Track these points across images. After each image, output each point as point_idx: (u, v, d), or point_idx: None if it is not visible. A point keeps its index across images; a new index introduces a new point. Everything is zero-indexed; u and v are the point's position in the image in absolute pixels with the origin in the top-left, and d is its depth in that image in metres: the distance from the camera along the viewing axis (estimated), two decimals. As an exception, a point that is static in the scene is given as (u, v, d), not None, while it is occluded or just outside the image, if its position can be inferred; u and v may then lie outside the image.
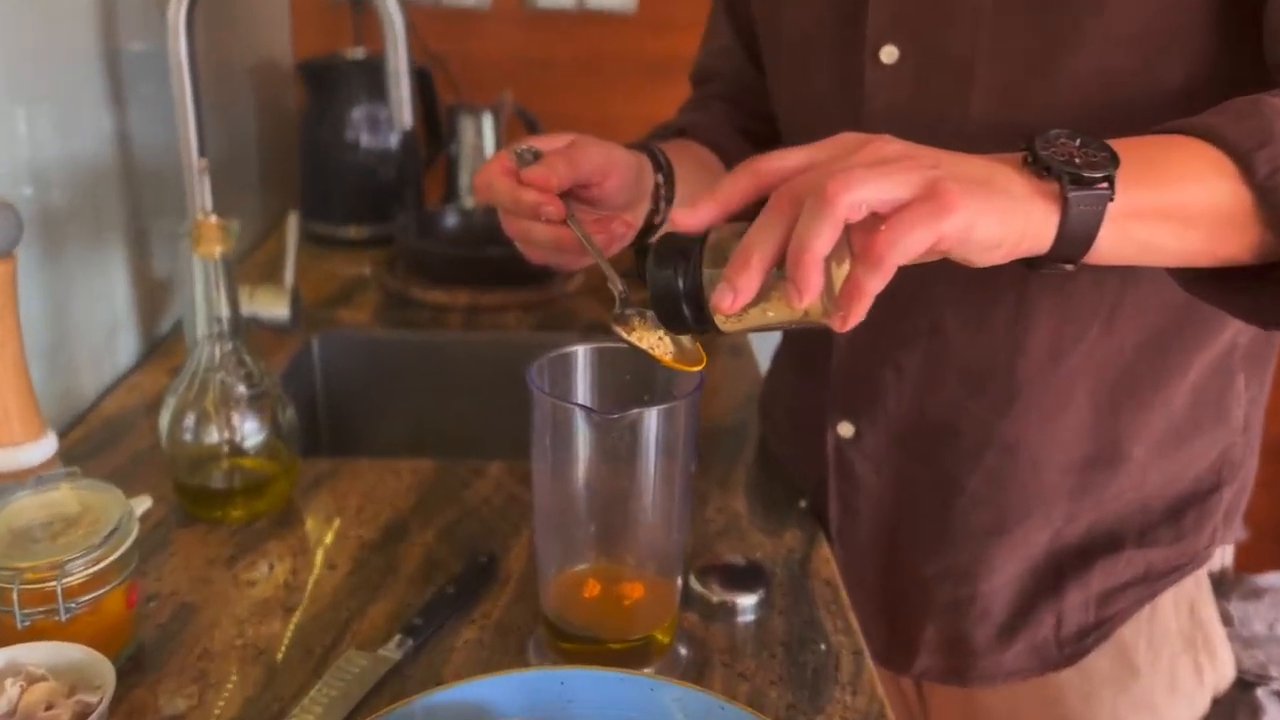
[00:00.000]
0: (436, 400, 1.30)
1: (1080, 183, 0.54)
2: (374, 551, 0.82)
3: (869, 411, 0.81)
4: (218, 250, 0.81)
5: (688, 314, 0.57)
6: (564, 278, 1.39)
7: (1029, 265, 0.58)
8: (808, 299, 0.51)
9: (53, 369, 0.99)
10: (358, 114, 1.55)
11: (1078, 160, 0.54)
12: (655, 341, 0.62)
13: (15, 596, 0.62)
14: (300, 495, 0.90)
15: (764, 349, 1.19)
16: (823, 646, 0.73)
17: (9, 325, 0.75)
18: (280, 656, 0.70)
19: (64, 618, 0.63)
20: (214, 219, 0.81)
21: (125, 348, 1.12)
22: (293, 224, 1.10)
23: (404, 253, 1.43)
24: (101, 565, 0.66)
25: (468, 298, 1.34)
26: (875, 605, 0.86)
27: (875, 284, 0.51)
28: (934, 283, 0.74)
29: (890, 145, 0.54)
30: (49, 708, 0.58)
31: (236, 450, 0.84)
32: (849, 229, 0.51)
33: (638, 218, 0.75)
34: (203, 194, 0.80)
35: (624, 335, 0.62)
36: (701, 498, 0.90)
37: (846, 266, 0.53)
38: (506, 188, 0.66)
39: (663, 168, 0.77)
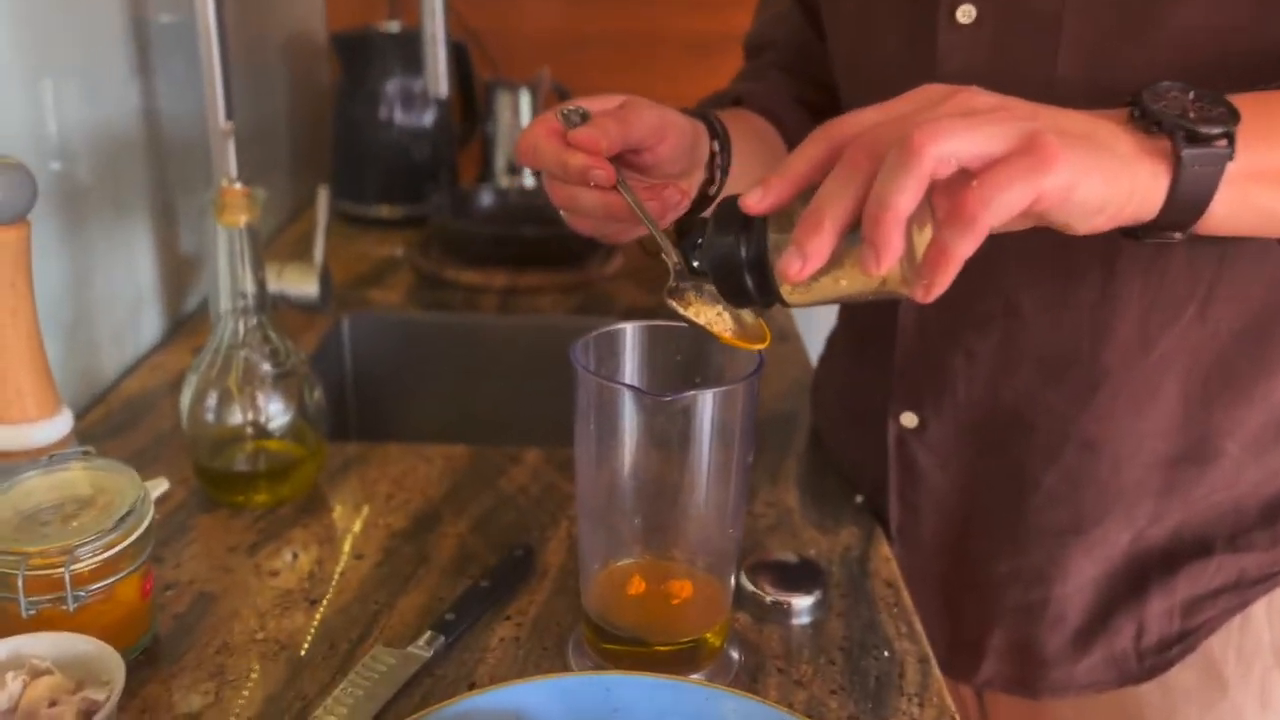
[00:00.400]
0: (469, 385, 1.26)
1: (1195, 140, 0.48)
2: (404, 541, 0.77)
3: (935, 401, 0.75)
4: (243, 219, 0.76)
5: (750, 285, 0.52)
6: (603, 259, 1.34)
7: (1129, 235, 0.53)
8: (886, 264, 0.46)
9: (73, 346, 0.95)
10: (392, 89, 1.50)
11: (1192, 115, 0.49)
12: (714, 317, 0.57)
13: (20, 583, 0.58)
14: (327, 481, 0.85)
15: (814, 333, 1.13)
16: (885, 653, 0.67)
17: (22, 294, 0.70)
18: (303, 652, 0.66)
19: (72, 607, 0.59)
20: (239, 186, 0.76)
21: (149, 325, 1.08)
22: (323, 199, 1.05)
23: (438, 232, 1.38)
24: (114, 551, 0.61)
25: (503, 279, 1.29)
26: (937, 607, 0.80)
27: (964, 247, 0.45)
28: (1010, 259, 0.68)
29: (980, 96, 0.48)
30: (52, 704, 0.54)
31: (261, 432, 0.80)
32: (931, 190, 0.46)
33: (691, 188, 0.69)
34: (228, 159, 0.75)
35: (680, 310, 0.57)
36: (751, 490, 0.85)
37: (928, 232, 0.47)
38: (552, 150, 0.60)
39: (719, 135, 0.72)
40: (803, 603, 0.70)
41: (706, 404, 0.57)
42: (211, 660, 0.65)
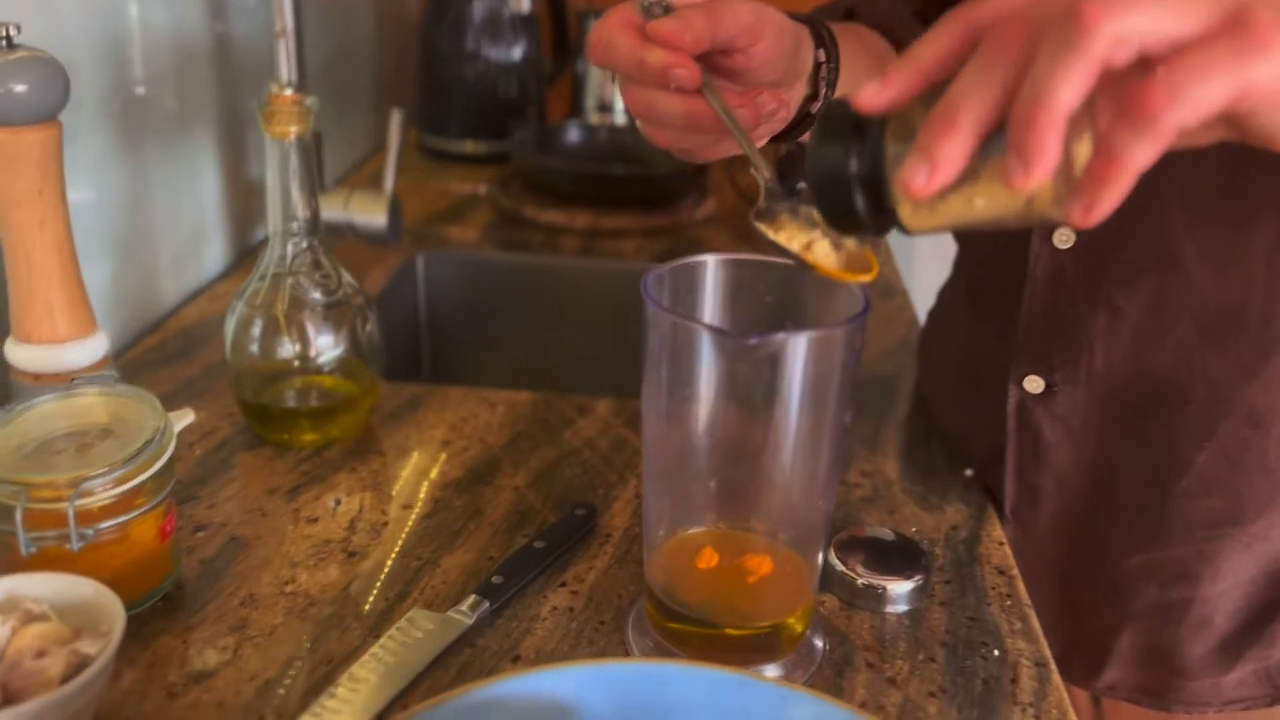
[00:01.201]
0: (545, 330, 1.18)
1: None
2: (456, 493, 0.70)
3: (1069, 364, 0.64)
4: (293, 130, 0.69)
5: (860, 205, 0.42)
6: (694, 202, 1.25)
7: None
8: (1038, 176, 0.36)
9: (128, 267, 0.89)
10: (480, 20, 1.42)
11: None
12: (809, 242, 0.47)
13: (19, 516, 0.52)
14: (381, 422, 0.78)
15: (922, 291, 1.03)
16: (995, 652, 0.58)
17: (52, 203, 0.65)
18: (333, 610, 0.59)
19: (77, 546, 0.53)
20: (290, 92, 0.69)
21: (213, 253, 1.03)
22: (396, 123, 0.98)
23: (520, 168, 1.30)
24: (128, 486, 0.55)
25: (586, 220, 1.21)
26: (1055, 601, 0.70)
27: (1141, 155, 0.35)
28: (1171, 194, 0.57)
29: None
30: (40, 654, 0.48)
31: (309, 366, 0.73)
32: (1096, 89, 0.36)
33: (792, 101, 0.60)
34: (282, 64, 0.68)
35: (768, 234, 0.48)
36: (844, 458, 0.75)
37: (1088, 142, 0.37)
38: (628, 46, 0.51)
39: (826, 44, 0.62)
40: (900, 588, 0.61)
41: (799, 350, 0.48)
42: (235, 613, 0.59)
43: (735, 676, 0.43)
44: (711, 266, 0.53)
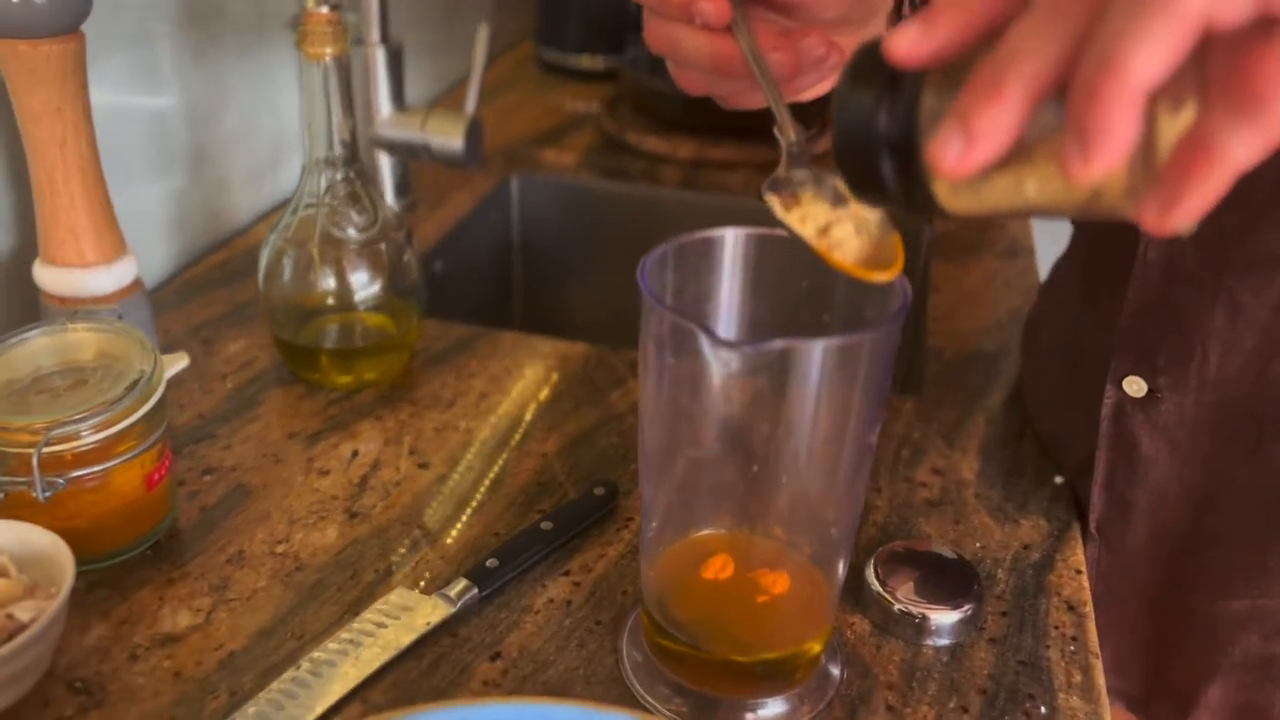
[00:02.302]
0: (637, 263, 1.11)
1: None
2: (478, 455, 0.65)
3: (1175, 366, 0.54)
4: (328, 51, 0.64)
5: (888, 173, 0.34)
6: (813, 134, 1.14)
7: None
8: (1100, 163, 0.27)
9: (197, 181, 0.87)
10: (606, -77, 1.34)
11: None
12: (825, 226, 0.39)
13: (-15, 461, 0.50)
14: (424, 365, 0.74)
15: (1049, 248, 0.91)
16: (1043, 709, 0.50)
17: (74, 122, 0.61)
18: (319, 578, 0.55)
19: (43, 495, 0.50)
20: (325, 9, 0.63)
21: (290, 171, 0.99)
22: (481, 39, 0.91)
23: (628, 90, 1.23)
24: (107, 433, 0.52)
25: (691, 150, 1.12)
26: (1140, 633, 0.61)
27: (1240, 149, 0.26)
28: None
29: None
30: (-22, 615, 0.45)
31: (345, 304, 0.69)
32: (1199, 56, 0.27)
33: (854, 43, 0.50)
34: (320, -24, 0.63)
35: (777, 211, 0.40)
36: (915, 450, 0.67)
37: (1185, 116, 0.28)
38: None
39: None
40: (944, 618, 0.53)
41: (813, 360, 0.40)
42: (219, 570, 0.56)
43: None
44: (731, 242, 0.46)
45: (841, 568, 0.48)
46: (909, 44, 0.31)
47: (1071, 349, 0.65)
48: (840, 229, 0.39)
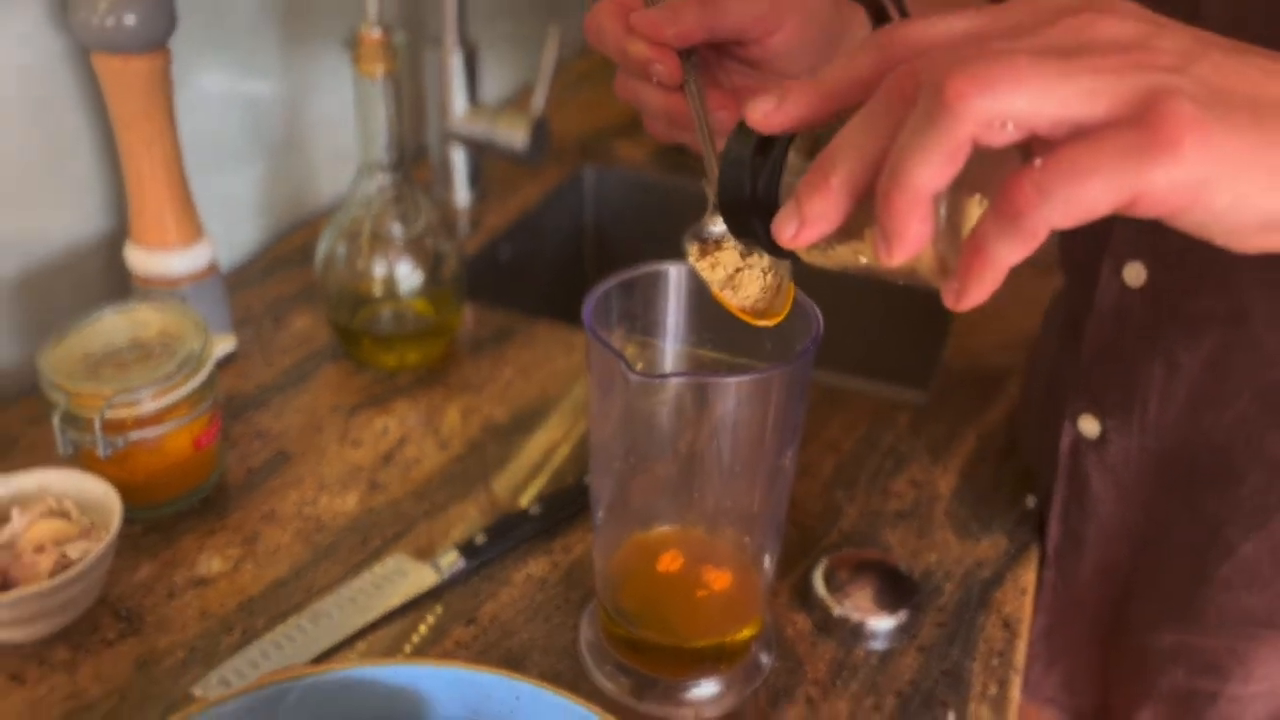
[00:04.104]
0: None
1: None
2: (494, 438, 0.72)
3: (1121, 412, 0.57)
4: (379, 70, 0.71)
5: (757, 226, 0.39)
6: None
7: None
8: (899, 255, 0.32)
9: (283, 166, 0.96)
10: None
11: None
12: (733, 271, 0.45)
13: (57, 420, 0.59)
14: (464, 350, 0.81)
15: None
16: (952, 716, 0.54)
17: (159, 124, 0.70)
18: (334, 540, 0.64)
19: (104, 453, 0.60)
20: (378, 32, 0.71)
21: (379, 154, 1.08)
22: (551, 41, 0.98)
23: (705, 87, 1.27)
24: (161, 402, 0.61)
25: (756, 150, 1.17)
26: (1084, 660, 0.64)
27: (1007, 253, 0.30)
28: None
29: (1112, 22, 0.31)
30: (39, 549, 0.55)
31: (390, 292, 0.77)
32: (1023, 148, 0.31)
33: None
34: (373, 2, 0.70)
35: (690, 258, 0.45)
36: (899, 461, 0.71)
37: (978, 211, 0.33)
38: (615, 33, 0.49)
39: (888, 20, 0.56)
40: (878, 625, 0.58)
41: (723, 394, 0.46)
42: (253, 525, 0.64)
43: (572, 705, 0.43)
44: (674, 278, 0.51)
45: (768, 568, 0.53)
46: (762, 114, 0.36)
47: (1051, 380, 0.68)
48: (746, 276, 0.44)
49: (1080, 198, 0.29)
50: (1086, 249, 0.59)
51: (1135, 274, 0.55)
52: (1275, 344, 0.50)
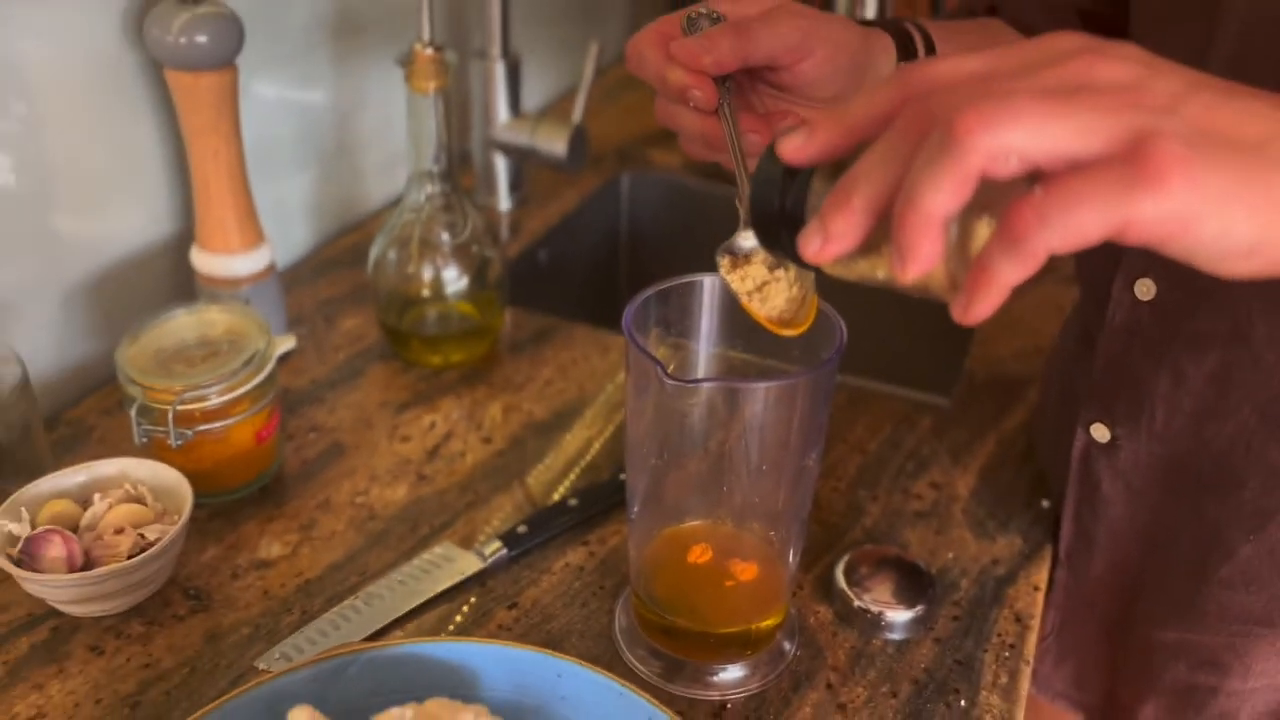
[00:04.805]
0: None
1: None
2: (535, 434, 0.77)
3: (1130, 420, 0.61)
4: (431, 86, 0.76)
5: (784, 239, 0.43)
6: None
7: None
8: (914, 271, 0.36)
9: (335, 172, 1.01)
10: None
11: None
12: (761, 284, 0.48)
13: (134, 413, 0.64)
14: (505, 350, 0.86)
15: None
16: (963, 702, 0.58)
17: (225, 135, 0.75)
18: (385, 528, 0.68)
19: (175, 443, 0.64)
20: (430, 51, 0.75)
21: (425, 160, 1.12)
22: (592, 55, 1.02)
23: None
24: (227, 398, 0.65)
25: (788, 159, 1.20)
26: (1095, 656, 0.68)
27: (1010, 272, 0.34)
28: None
29: (1110, 64, 0.34)
30: (118, 531, 0.59)
31: (437, 295, 0.81)
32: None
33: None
34: (427, 22, 0.74)
35: (721, 270, 0.49)
36: (921, 463, 0.75)
37: (987, 231, 0.37)
38: (655, 61, 0.53)
39: (915, 52, 0.59)
40: (896, 617, 0.61)
41: (753, 400, 0.50)
42: (309, 513, 0.69)
43: (616, 685, 0.47)
44: (709, 288, 0.55)
45: (792, 561, 0.57)
46: (793, 148, 0.40)
47: (1065, 388, 0.71)
48: (773, 288, 0.48)
49: (1075, 224, 0.32)
50: (1101, 265, 0.62)
51: (1146, 289, 0.58)
52: (1275, 361, 0.53)
